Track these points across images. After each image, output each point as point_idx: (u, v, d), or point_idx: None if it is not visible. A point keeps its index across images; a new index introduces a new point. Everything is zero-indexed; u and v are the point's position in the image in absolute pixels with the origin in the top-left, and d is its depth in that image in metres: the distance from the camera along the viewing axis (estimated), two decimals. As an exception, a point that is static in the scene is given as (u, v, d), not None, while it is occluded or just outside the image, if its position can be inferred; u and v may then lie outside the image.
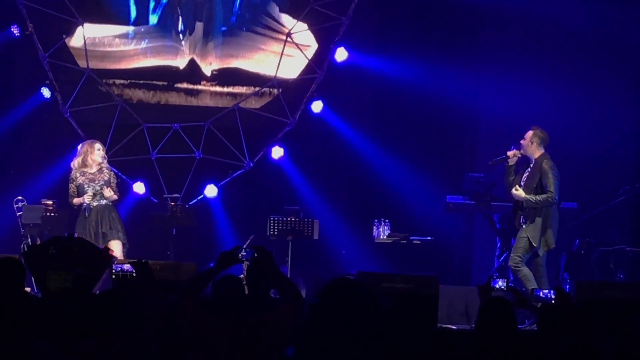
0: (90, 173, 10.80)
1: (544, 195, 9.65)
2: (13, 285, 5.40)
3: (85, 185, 10.72)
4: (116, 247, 10.43)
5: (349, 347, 3.25)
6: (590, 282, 9.66)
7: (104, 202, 10.74)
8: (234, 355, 5.11)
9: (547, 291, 7.52)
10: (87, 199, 10.67)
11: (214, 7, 13.42)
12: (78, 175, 10.78)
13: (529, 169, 9.88)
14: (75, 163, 10.88)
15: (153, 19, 13.41)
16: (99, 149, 10.91)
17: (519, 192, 9.76)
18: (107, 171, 10.90)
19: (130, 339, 4.90)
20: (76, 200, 10.79)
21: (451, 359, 5.35)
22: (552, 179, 9.66)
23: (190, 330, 5.17)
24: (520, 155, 9.92)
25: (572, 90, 12.93)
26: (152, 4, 13.37)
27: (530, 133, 9.87)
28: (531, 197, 9.66)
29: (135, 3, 13.35)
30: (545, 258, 9.87)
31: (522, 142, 9.90)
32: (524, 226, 9.75)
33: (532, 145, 9.84)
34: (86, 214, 10.64)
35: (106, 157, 11.03)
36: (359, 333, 3.25)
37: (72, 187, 10.83)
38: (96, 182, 10.77)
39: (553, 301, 5.64)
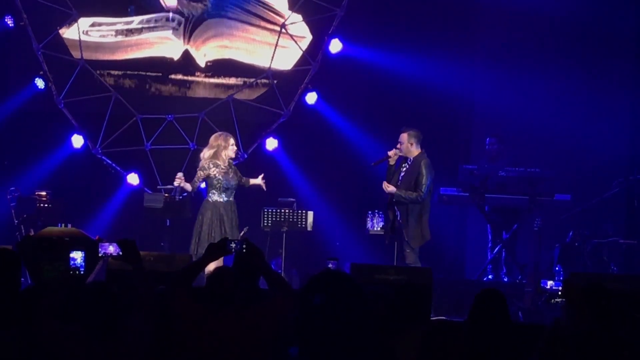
0: (222, 167, 10.44)
1: (413, 194, 10.08)
2: (9, 276, 5.40)
3: (221, 179, 10.40)
4: None
5: (340, 339, 3.26)
6: (583, 274, 9.66)
7: (232, 198, 10.52)
8: (226, 346, 5.13)
9: (553, 283, 7.57)
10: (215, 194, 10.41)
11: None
12: (211, 166, 10.38)
13: (407, 165, 10.27)
14: (206, 154, 10.51)
15: (148, 10, 13.37)
16: (232, 145, 10.58)
17: (390, 188, 10.14)
18: (234, 167, 10.66)
19: (122, 327, 4.92)
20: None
21: (445, 350, 5.36)
22: (426, 180, 10.08)
23: (182, 320, 5.18)
24: (400, 154, 10.30)
25: (566, 82, 12.95)
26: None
27: (405, 136, 10.26)
28: (402, 192, 10.08)
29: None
30: (418, 250, 10.20)
31: (400, 146, 10.27)
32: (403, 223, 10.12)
33: (411, 146, 10.25)
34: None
35: (238, 153, 10.67)
36: (350, 324, 3.25)
37: (201, 175, 10.40)
38: (230, 177, 10.46)
39: (560, 293, 5.65)
